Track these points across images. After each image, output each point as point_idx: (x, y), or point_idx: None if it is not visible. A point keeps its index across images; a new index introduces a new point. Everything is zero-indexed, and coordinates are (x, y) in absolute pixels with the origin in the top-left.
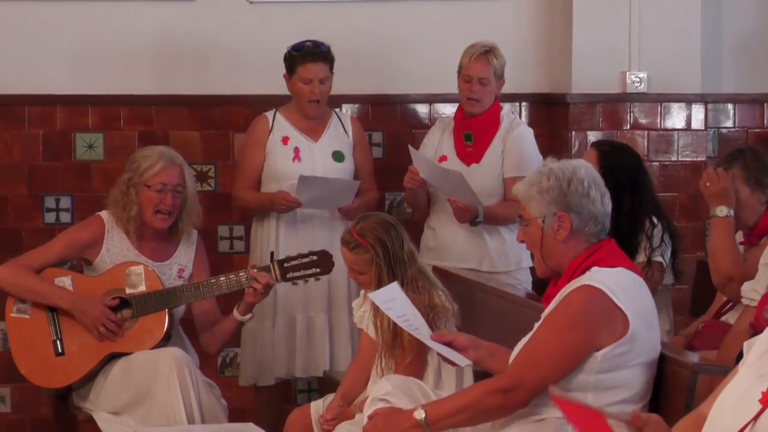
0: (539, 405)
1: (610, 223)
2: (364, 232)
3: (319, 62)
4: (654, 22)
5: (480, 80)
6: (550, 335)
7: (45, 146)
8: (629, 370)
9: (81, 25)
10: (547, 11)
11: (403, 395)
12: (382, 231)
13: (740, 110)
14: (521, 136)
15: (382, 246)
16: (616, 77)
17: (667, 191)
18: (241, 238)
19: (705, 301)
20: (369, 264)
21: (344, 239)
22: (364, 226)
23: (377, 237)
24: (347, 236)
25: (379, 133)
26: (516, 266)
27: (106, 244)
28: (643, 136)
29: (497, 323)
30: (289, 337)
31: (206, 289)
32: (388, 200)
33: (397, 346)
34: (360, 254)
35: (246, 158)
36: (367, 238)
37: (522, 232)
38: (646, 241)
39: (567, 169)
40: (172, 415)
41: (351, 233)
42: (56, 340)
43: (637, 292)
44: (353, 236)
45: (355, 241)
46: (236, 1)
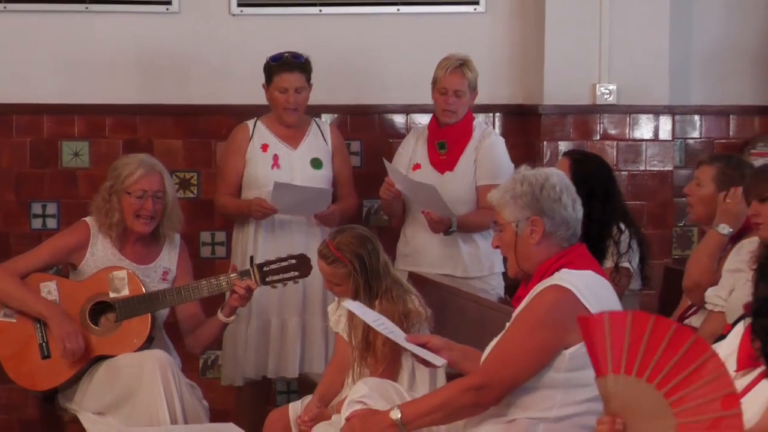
0: (510, 406)
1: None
2: (342, 247)
3: (295, 72)
4: (623, 36)
5: (455, 92)
6: (520, 334)
7: (32, 154)
8: None
9: (68, 37)
10: (520, 25)
11: (379, 397)
12: (359, 245)
13: (706, 122)
14: (493, 145)
15: (359, 260)
16: (586, 89)
17: (635, 200)
18: (223, 243)
19: (672, 305)
20: (346, 277)
21: (322, 253)
22: (341, 240)
23: (354, 251)
24: (325, 250)
25: (357, 142)
26: (489, 272)
27: (91, 249)
28: (612, 146)
29: (471, 327)
30: (261, 338)
31: (188, 293)
32: (366, 207)
33: (370, 355)
34: (337, 268)
35: (227, 165)
36: (344, 252)
37: (497, 237)
38: (614, 247)
39: (540, 175)
40: (155, 416)
41: (329, 247)
42: (42, 344)
43: (604, 294)
44: (331, 250)
45: (332, 255)
46: (218, 14)
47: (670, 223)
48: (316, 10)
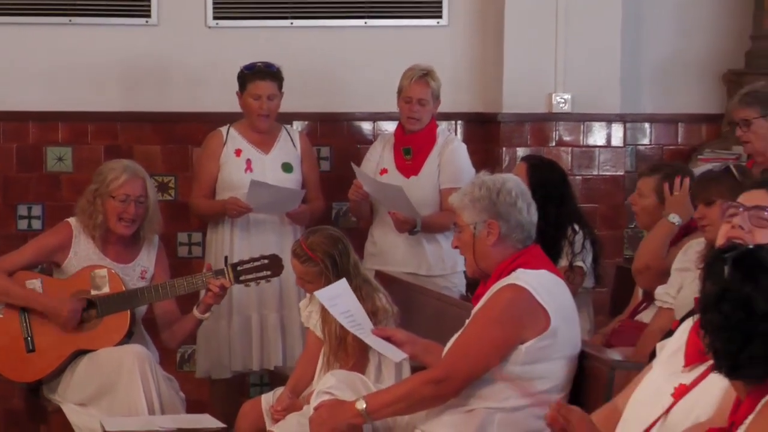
0: (469, 397)
1: (536, 230)
2: (314, 246)
3: (267, 80)
4: (577, 48)
5: (419, 101)
6: (479, 330)
7: (18, 159)
8: (551, 363)
9: (52, 47)
10: (480, 38)
11: (346, 388)
12: (331, 245)
13: (656, 129)
14: (455, 151)
15: (330, 259)
16: (542, 98)
17: (589, 202)
18: (199, 244)
19: (624, 303)
20: (318, 275)
21: (295, 252)
22: (314, 240)
23: (326, 251)
24: (298, 249)
25: (327, 147)
26: (451, 270)
27: (74, 248)
28: (567, 152)
29: (434, 323)
30: (244, 334)
31: (165, 291)
32: (335, 210)
33: (342, 350)
34: (310, 266)
35: (202, 169)
36: (317, 252)
37: (456, 238)
38: (569, 247)
39: (497, 181)
40: (134, 407)
41: (302, 247)
42: (27, 338)
43: (558, 292)
44: (304, 250)
45: (305, 254)
46: (195, 27)
47: (621, 224)
48: (287, 22)
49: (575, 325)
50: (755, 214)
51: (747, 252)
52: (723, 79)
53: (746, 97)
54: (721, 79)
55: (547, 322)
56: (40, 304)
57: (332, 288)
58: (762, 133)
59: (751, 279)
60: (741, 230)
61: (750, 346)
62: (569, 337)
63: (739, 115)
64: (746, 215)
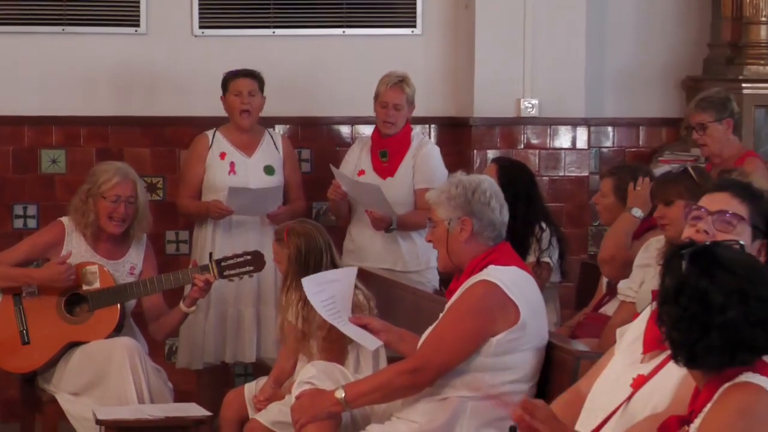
0: (443, 386)
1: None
2: (291, 233)
3: (248, 78)
4: (544, 56)
5: (395, 106)
6: (452, 323)
7: (14, 161)
8: (521, 354)
9: (46, 55)
10: (452, 46)
11: (326, 378)
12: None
13: (618, 132)
14: (429, 153)
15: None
16: (511, 103)
17: (555, 202)
18: (186, 241)
19: (588, 297)
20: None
21: (277, 230)
22: (295, 227)
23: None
24: (280, 229)
25: (307, 150)
26: (425, 266)
27: (66, 245)
28: (534, 155)
29: (409, 315)
30: (219, 327)
31: (153, 286)
32: (315, 209)
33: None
34: (281, 247)
35: (188, 171)
36: (291, 237)
37: (430, 232)
38: (536, 244)
39: (473, 181)
40: (124, 396)
41: (284, 228)
42: (23, 331)
43: (526, 287)
44: (284, 231)
45: (282, 235)
46: (182, 35)
47: (586, 222)
48: (269, 32)
49: (543, 318)
50: (719, 218)
51: (704, 248)
52: (682, 85)
53: (702, 102)
54: (680, 85)
55: (517, 315)
56: (37, 278)
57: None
58: (717, 137)
59: (707, 274)
60: (705, 234)
61: (706, 338)
62: (537, 329)
63: (695, 119)
64: (710, 220)
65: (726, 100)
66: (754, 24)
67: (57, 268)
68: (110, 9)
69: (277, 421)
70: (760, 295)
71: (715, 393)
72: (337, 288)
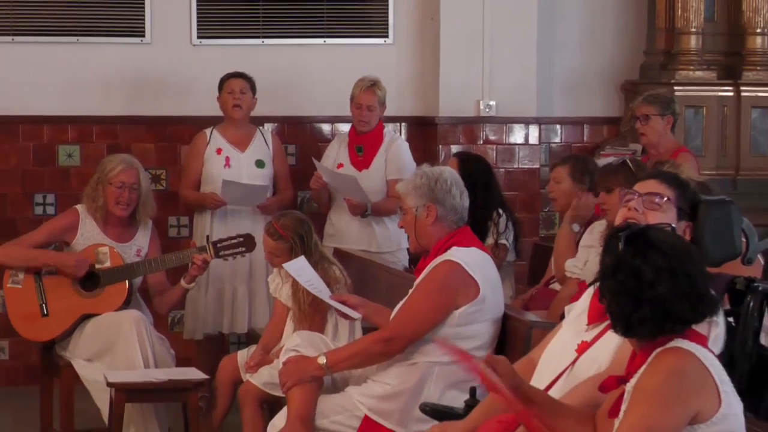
0: (413, 353)
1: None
2: (286, 227)
3: (239, 79)
4: (501, 63)
5: (368, 107)
6: (420, 298)
7: (35, 155)
8: (480, 325)
9: (63, 62)
10: (420, 54)
11: (309, 346)
12: (299, 226)
13: (566, 130)
14: (399, 148)
15: (299, 238)
16: (472, 104)
17: (510, 190)
18: (186, 226)
19: (539, 274)
20: (287, 251)
21: (269, 231)
22: (285, 222)
23: (295, 231)
24: (271, 229)
25: (293, 145)
26: (397, 248)
27: (81, 230)
28: (492, 149)
29: (382, 290)
30: (217, 302)
31: (157, 265)
32: (300, 197)
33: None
34: (281, 243)
35: (188, 165)
36: (287, 231)
37: (401, 219)
38: (494, 227)
39: (435, 171)
40: (131, 362)
41: (274, 227)
42: (42, 304)
43: (485, 266)
44: (276, 229)
45: (278, 233)
46: (182, 44)
47: (537, 209)
48: (259, 41)
49: (500, 292)
50: (648, 199)
51: (638, 231)
52: (621, 88)
53: (650, 97)
54: (620, 88)
55: (477, 291)
56: (54, 259)
57: (296, 262)
58: (657, 129)
59: (641, 253)
60: (636, 212)
61: (640, 310)
62: (495, 303)
63: (641, 110)
64: (640, 200)
65: (671, 101)
66: (684, 34)
67: (72, 260)
68: (119, 21)
69: (268, 382)
70: (687, 272)
71: (649, 356)
72: (309, 272)
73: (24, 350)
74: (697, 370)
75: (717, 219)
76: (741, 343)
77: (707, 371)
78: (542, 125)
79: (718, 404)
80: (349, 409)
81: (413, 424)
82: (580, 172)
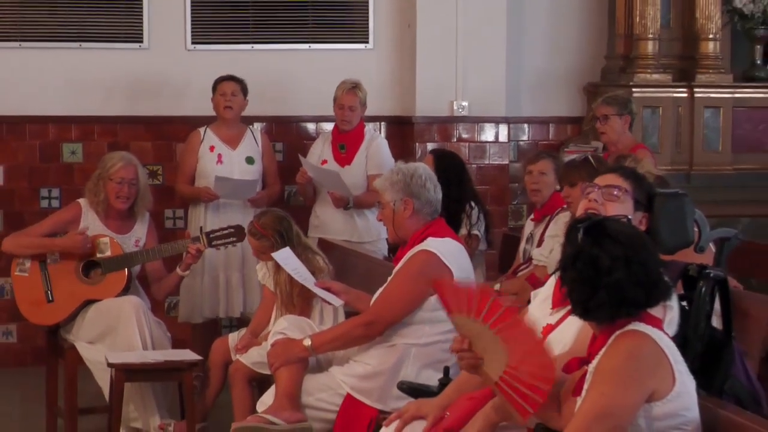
0: (392, 335)
1: (441, 207)
2: (266, 226)
3: (231, 81)
4: (473, 66)
5: (350, 107)
6: (399, 285)
7: (41, 152)
8: None
9: (67, 66)
10: (398, 58)
11: (296, 329)
12: (278, 224)
13: (533, 128)
14: (379, 145)
15: (279, 234)
16: (446, 105)
17: (482, 185)
18: (182, 218)
19: (509, 262)
20: (270, 248)
21: (251, 231)
22: (265, 221)
23: (275, 228)
24: (253, 229)
25: (280, 143)
26: (377, 238)
27: (83, 222)
28: (465, 147)
29: (363, 278)
30: (213, 288)
31: (155, 254)
32: (287, 191)
33: (290, 301)
34: (263, 242)
35: (184, 161)
36: (268, 230)
37: (380, 213)
38: (467, 219)
39: (410, 168)
40: (131, 344)
41: (255, 227)
42: (47, 291)
43: (459, 255)
44: (257, 229)
45: (259, 233)
46: (178, 49)
47: (506, 201)
48: (249, 46)
49: (472, 279)
50: (607, 192)
51: (596, 222)
52: (583, 90)
53: (609, 98)
54: (582, 90)
55: (451, 277)
56: (59, 246)
57: (282, 252)
58: (616, 128)
59: (598, 243)
60: (596, 203)
61: (597, 295)
62: None
63: (601, 111)
64: (600, 193)
65: (628, 101)
66: (642, 40)
67: (76, 238)
68: (119, 28)
69: (257, 362)
70: (641, 260)
71: (609, 339)
72: (295, 261)
73: (31, 334)
74: (653, 351)
75: (671, 210)
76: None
77: (662, 352)
78: (511, 124)
79: (673, 383)
80: (333, 388)
81: (392, 401)
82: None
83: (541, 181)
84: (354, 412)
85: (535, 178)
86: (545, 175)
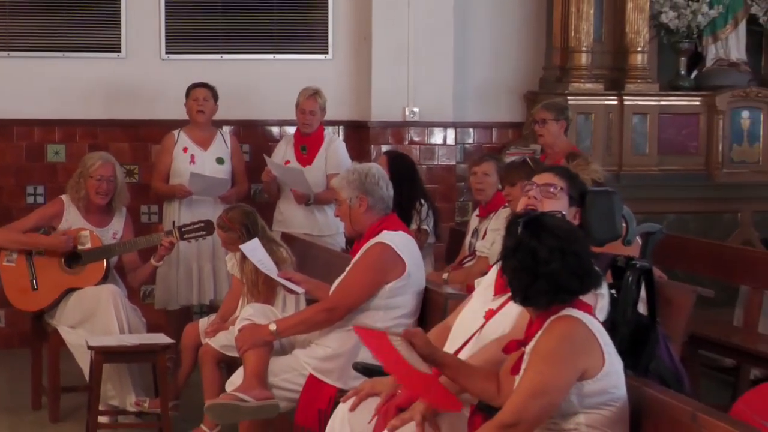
0: (350, 320)
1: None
2: (233, 220)
3: (203, 88)
4: (423, 74)
5: (310, 112)
6: (357, 274)
7: (27, 153)
8: (406, 296)
9: (51, 73)
10: (355, 67)
11: (261, 316)
12: (244, 218)
13: (478, 132)
14: (337, 147)
15: (245, 228)
16: (399, 110)
17: (431, 183)
18: (156, 213)
19: (455, 254)
20: (237, 240)
21: (219, 224)
22: (232, 215)
23: (241, 222)
24: (221, 222)
25: (247, 145)
26: (335, 232)
27: (65, 216)
28: (416, 149)
29: (323, 268)
30: (187, 278)
31: (131, 246)
32: (253, 189)
33: (256, 290)
34: (231, 234)
35: (159, 161)
36: (234, 223)
37: (337, 209)
38: (417, 215)
39: (365, 167)
40: (109, 329)
41: (224, 220)
42: (32, 280)
43: (411, 247)
44: (225, 222)
45: (227, 226)
46: (152, 59)
47: (453, 199)
48: (219, 56)
49: (422, 269)
50: (544, 189)
51: (534, 217)
52: (524, 98)
53: (548, 104)
54: (522, 98)
55: (404, 268)
56: (44, 244)
57: (249, 244)
58: (552, 132)
59: (536, 236)
60: (534, 200)
61: (536, 284)
62: (418, 278)
63: (540, 115)
64: (538, 190)
65: (565, 108)
66: (577, 52)
67: (61, 238)
68: (98, 39)
69: (225, 345)
70: (575, 251)
71: (544, 323)
72: (261, 252)
73: (18, 319)
74: (584, 334)
75: (601, 206)
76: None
77: (593, 335)
78: (458, 128)
79: (602, 363)
80: (297, 369)
81: (351, 381)
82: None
83: (484, 181)
84: (316, 390)
85: (479, 179)
86: (488, 175)
